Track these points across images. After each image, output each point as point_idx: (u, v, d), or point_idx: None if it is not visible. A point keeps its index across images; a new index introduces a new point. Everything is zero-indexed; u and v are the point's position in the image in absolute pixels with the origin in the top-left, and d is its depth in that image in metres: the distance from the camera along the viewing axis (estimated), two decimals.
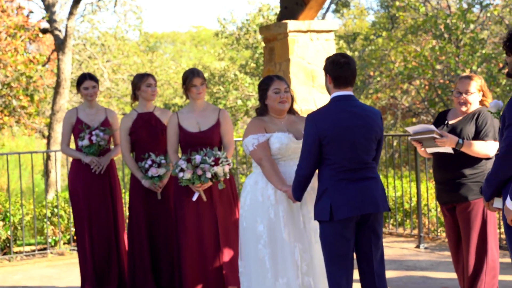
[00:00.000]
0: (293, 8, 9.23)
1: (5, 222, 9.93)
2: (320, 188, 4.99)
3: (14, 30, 15.47)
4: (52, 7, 16.85)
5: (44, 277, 8.27)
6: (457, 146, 5.56)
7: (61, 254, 9.58)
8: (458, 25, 18.54)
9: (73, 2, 16.84)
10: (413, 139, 5.74)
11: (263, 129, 5.59)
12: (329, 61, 5.06)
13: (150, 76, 7.05)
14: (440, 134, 5.54)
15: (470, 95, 5.69)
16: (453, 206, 5.78)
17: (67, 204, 10.25)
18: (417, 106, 22.03)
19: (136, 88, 6.99)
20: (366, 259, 5.03)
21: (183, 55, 38.71)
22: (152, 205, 6.93)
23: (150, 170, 6.76)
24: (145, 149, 6.91)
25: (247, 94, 21.61)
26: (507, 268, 7.41)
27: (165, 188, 6.93)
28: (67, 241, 10.14)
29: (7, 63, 15.49)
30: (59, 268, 8.75)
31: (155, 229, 6.97)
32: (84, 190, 7.20)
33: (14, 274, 8.46)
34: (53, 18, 16.77)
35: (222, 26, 23.08)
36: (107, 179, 7.27)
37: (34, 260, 9.30)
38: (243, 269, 5.69)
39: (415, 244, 9.18)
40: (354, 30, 25.74)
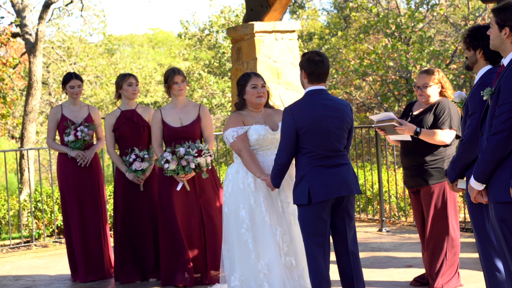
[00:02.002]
0: (259, 10, 9.56)
1: None
2: (298, 175, 5.29)
3: None
4: (22, 12, 17.34)
5: (33, 267, 8.49)
6: (415, 134, 5.88)
7: (45, 246, 9.83)
8: (407, 24, 19.32)
9: (42, 7, 17.36)
10: (376, 126, 6.13)
11: (241, 122, 5.89)
12: (304, 58, 5.34)
13: (132, 76, 7.36)
14: (399, 123, 5.90)
15: (427, 88, 6.02)
16: (417, 190, 6.16)
17: (49, 199, 10.69)
18: (370, 101, 22.76)
19: (118, 87, 7.33)
20: (341, 239, 5.33)
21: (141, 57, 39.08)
22: (135, 196, 7.23)
23: (134, 164, 7.08)
24: (128, 144, 7.21)
25: (212, 92, 22.14)
26: (465, 247, 7.72)
27: (148, 180, 7.23)
28: (50, 234, 10.43)
29: None
30: (45, 258, 8.97)
31: (138, 219, 7.21)
32: (72, 182, 7.48)
33: (3, 265, 8.68)
34: (24, 22, 17.26)
35: (184, 27, 23.58)
36: (92, 171, 7.55)
37: (20, 252, 9.54)
38: (227, 252, 5.96)
39: (378, 228, 9.59)
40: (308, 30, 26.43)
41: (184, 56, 25.21)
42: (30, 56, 17.10)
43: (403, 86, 19.90)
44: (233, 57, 10.02)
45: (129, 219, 7.26)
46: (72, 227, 7.52)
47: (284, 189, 5.88)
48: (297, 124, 5.22)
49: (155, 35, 48.51)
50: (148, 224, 7.26)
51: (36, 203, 10.70)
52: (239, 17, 22.62)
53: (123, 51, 37.16)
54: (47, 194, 10.85)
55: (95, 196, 7.55)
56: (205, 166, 6.66)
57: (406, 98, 19.88)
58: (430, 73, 6.05)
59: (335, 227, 5.36)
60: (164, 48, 43.70)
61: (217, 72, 23.23)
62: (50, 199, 10.65)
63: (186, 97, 7.09)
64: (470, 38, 4.80)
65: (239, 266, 5.88)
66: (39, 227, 10.48)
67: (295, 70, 9.60)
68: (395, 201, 10.37)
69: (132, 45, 44.93)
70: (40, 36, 17.04)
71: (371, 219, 10.27)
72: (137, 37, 47.41)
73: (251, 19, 9.70)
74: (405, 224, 9.81)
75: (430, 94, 6.04)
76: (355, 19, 21.16)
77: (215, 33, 23.07)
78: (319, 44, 23.18)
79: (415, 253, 7.83)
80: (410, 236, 8.99)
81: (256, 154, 5.91)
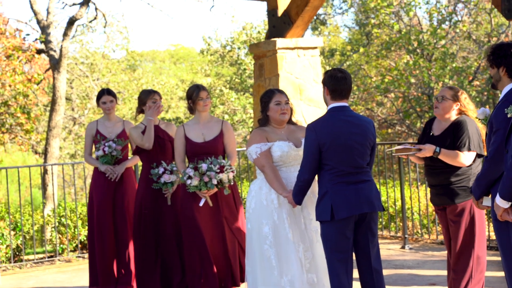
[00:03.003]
0: (281, 26, 9.61)
1: (16, 231, 10.45)
2: (321, 191, 5.29)
3: (12, 51, 16.15)
4: (47, 29, 17.55)
5: (57, 282, 8.58)
6: (434, 154, 5.86)
7: (68, 261, 9.92)
8: (430, 40, 19.31)
9: (67, 23, 17.58)
10: (397, 155, 6.10)
11: (265, 138, 5.91)
12: (327, 75, 5.37)
13: (156, 92, 7.41)
14: (418, 149, 5.90)
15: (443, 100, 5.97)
16: (444, 207, 6.10)
17: (73, 214, 10.80)
18: (392, 117, 22.73)
19: (142, 103, 7.36)
20: (364, 255, 5.33)
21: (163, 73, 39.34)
22: (160, 210, 7.20)
23: (163, 176, 7.07)
24: (153, 159, 7.22)
25: (233, 108, 22.23)
26: (491, 265, 7.69)
27: (173, 197, 7.20)
28: (73, 249, 10.53)
29: (6, 82, 16.16)
30: (69, 273, 9.06)
31: (163, 234, 7.23)
32: (98, 195, 7.61)
33: (27, 280, 8.78)
34: (48, 39, 17.46)
35: (207, 44, 23.75)
36: (122, 186, 7.65)
37: (44, 266, 9.63)
38: (250, 267, 5.97)
39: (400, 245, 9.55)
40: (330, 46, 26.49)
41: (206, 72, 25.34)
42: (54, 72, 17.28)
43: (425, 103, 19.86)
44: (255, 74, 10.06)
45: (154, 235, 7.27)
46: (91, 240, 7.60)
47: (307, 205, 5.88)
48: (320, 141, 5.24)
49: (176, 51, 48.84)
50: (173, 238, 7.24)
51: (60, 218, 10.77)
52: (261, 34, 22.72)
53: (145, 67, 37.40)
54: (71, 209, 10.96)
55: (124, 211, 7.62)
56: (227, 182, 6.63)
57: (428, 114, 19.82)
58: (452, 89, 6.04)
59: (358, 244, 5.36)
60: (186, 64, 43.93)
61: (238, 88, 23.34)
62: (74, 214, 10.74)
63: (209, 113, 7.11)
64: (493, 56, 4.78)
65: (261, 282, 5.87)
66: (63, 242, 10.56)
67: (317, 87, 9.63)
68: (418, 218, 10.31)
69: (154, 61, 45.24)
70: (64, 53, 17.23)
71: (394, 236, 10.23)
72: (158, 53, 47.74)
73: (274, 35, 9.75)
74: (428, 242, 9.76)
75: (444, 107, 6.00)
76: (377, 36, 21.18)
77: (237, 49, 23.19)
78: (340, 60, 23.23)
79: (439, 271, 7.80)
80: (433, 253, 8.95)
81: (280, 171, 5.92)
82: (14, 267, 9.63)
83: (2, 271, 9.35)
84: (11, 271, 9.46)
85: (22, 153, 23.41)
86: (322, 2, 9.28)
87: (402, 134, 22.25)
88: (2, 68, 16.08)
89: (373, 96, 21.26)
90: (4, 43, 16.18)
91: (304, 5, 9.15)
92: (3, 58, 16.12)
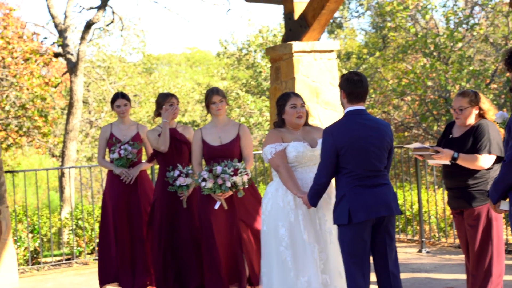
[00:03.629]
0: (297, 30, 9.56)
1: (33, 234, 10.55)
2: (338, 195, 5.28)
3: (30, 54, 16.26)
4: (64, 33, 17.66)
5: (74, 284, 8.65)
6: (452, 159, 5.85)
7: (85, 264, 9.99)
8: (446, 43, 19.24)
9: (84, 27, 17.69)
10: (414, 154, 6.07)
11: (280, 139, 5.93)
12: (343, 78, 5.36)
13: (173, 96, 7.42)
14: (436, 151, 5.81)
15: (462, 111, 5.90)
16: (461, 211, 6.03)
17: (90, 216, 10.86)
18: (409, 120, 22.66)
19: (159, 106, 7.35)
20: (382, 259, 5.29)
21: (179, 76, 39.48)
22: (176, 213, 7.22)
23: (178, 179, 7.10)
24: (170, 162, 7.24)
25: (249, 111, 22.26)
26: (509, 269, 7.65)
27: (189, 199, 7.22)
28: (90, 252, 10.57)
29: (24, 86, 16.28)
30: (86, 276, 9.12)
31: (178, 237, 7.22)
32: (113, 198, 7.66)
33: (45, 282, 8.86)
34: (66, 42, 17.56)
35: (223, 47, 23.79)
36: (137, 188, 7.69)
37: (61, 269, 9.70)
38: (265, 269, 5.98)
39: (417, 248, 9.54)
40: (346, 49, 26.47)
41: (222, 75, 25.39)
42: (71, 75, 17.39)
43: (442, 106, 19.78)
44: (271, 77, 10.06)
45: (170, 237, 7.28)
46: (102, 241, 7.65)
47: (322, 206, 5.88)
48: (337, 144, 5.23)
49: (192, 54, 48.97)
50: (189, 241, 7.26)
51: (77, 220, 10.84)
52: (277, 37, 22.74)
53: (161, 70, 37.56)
54: (88, 212, 11.03)
55: (139, 214, 7.67)
56: (241, 185, 6.65)
57: (445, 117, 19.75)
58: (466, 95, 5.96)
59: (375, 248, 5.34)
60: (202, 68, 44.02)
61: (254, 91, 23.37)
62: (91, 217, 10.79)
63: (227, 116, 7.12)
64: (510, 59, 4.78)
65: (277, 284, 5.87)
66: (80, 245, 10.62)
67: (333, 90, 9.61)
68: (435, 222, 10.27)
69: (170, 64, 45.39)
70: (81, 56, 17.33)
71: (411, 240, 10.21)
72: (175, 56, 47.88)
73: (290, 39, 9.73)
74: (446, 245, 9.73)
75: (466, 116, 5.95)
76: (393, 39, 21.14)
77: (253, 53, 23.23)
78: (357, 63, 23.20)
79: (456, 275, 7.77)
80: (450, 257, 8.92)
81: (295, 171, 5.93)
82: (32, 269, 9.71)
83: (20, 273, 9.42)
84: (29, 274, 9.52)
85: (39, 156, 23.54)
86: (339, 5, 9.27)
87: (419, 137, 22.18)
88: (20, 71, 16.19)
89: (390, 99, 21.21)
90: (22, 47, 16.29)
91: (321, 9, 9.12)
92: (21, 62, 16.24)
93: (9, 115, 17.08)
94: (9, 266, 8.66)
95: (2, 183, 8.62)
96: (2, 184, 8.62)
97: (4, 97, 16.68)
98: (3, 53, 16.15)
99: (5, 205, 8.65)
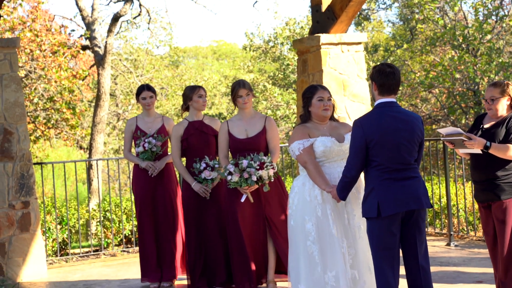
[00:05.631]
0: (325, 22, 9.50)
1: (62, 225, 10.68)
2: (367, 188, 5.24)
3: (58, 47, 16.39)
4: (92, 25, 17.77)
5: (102, 275, 8.69)
6: (485, 148, 5.76)
7: (113, 255, 10.02)
8: (475, 35, 19.05)
9: (111, 20, 17.78)
10: (445, 140, 5.99)
11: (307, 134, 5.90)
12: (375, 70, 5.29)
13: (201, 88, 7.45)
14: (468, 137, 5.74)
15: (494, 102, 5.87)
16: (488, 204, 5.96)
17: (118, 208, 10.98)
18: (436, 113, 22.50)
19: (187, 99, 7.39)
20: (411, 253, 5.25)
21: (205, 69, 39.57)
22: (203, 207, 7.28)
23: (204, 172, 7.16)
24: (197, 155, 7.28)
25: (276, 104, 22.27)
26: None
27: (216, 191, 7.28)
28: (118, 243, 10.70)
29: (52, 78, 16.41)
30: (114, 267, 9.16)
31: (205, 228, 7.29)
32: (145, 192, 7.71)
33: (73, 273, 8.92)
34: (93, 35, 17.68)
35: (249, 40, 23.81)
36: (164, 181, 7.72)
37: (89, 260, 9.77)
38: (292, 263, 5.97)
39: (446, 242, 9.49)
40: (374, 42, 26.34)
41: (249, 68, 25.40)
42: (98, 68, 17.50)
43: (470, 98, 19.61)
44: (298, 69, 10.03)
45: (197, 230, 7.32)
46: (146, 235, 7.71)
47: (351, 201, 5.87)
48: (367, 137, 5.18)
49: (219, 47, 49.03)
50: (216, 234, 7.28)
51: (104, 212, 10.92)
52: (304, 29, 22.67)
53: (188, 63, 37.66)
54: (115, 204, 11.10)
55: (166, 206, 7.71)
56: (267, 179, 6.67)
57: (474, 110, 19.58)
58: (498, 86, 5.90)
59: (405, 241, 5.30)
60: (228, 60, 44.05)
61: (281, 84, 23.36)
62: (118, 209, 10.86)
63: (253, 109, 7.11)
64: None
65: (304, 278, 5.86)
66: (108, 236, 10.70)
67: (361, 82, 9.57)
68: (464, 215, 10.22)
69: (197, 57, 45.50)
70: (108, 49, 17.43)
71: (439, 233, 10.15)
72: (201, 49, 47.98)
73: (317, 31, 9.68)
74: (474, 239, 9.66)
75: (498, 107, 5.90)
76: (421, 31, 20.97)
77: (280, 45, 23.20)
78: (384, 56, 23.08)
79: (485, 269, 7.71)
80: (479, 251, 8.86)
81: (322, 166, 5.90)
82: (60, 260, 9.79)
83: (49, 264, 9.51)
84: (57, 265, 9.61)
85: (67, 148, 23.73)
86: None
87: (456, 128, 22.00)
88: (48, 64, 16.32)
89: (417, 92, 21.06)
90: (50, 40, 16.41)
91: (349, 0, 9.05)
92: (49, 54, 16.36)
93: (37, 107, 17.23)
94: (38, 257, 8.75)
95: (31, 175, 8.70)
96: (31, 176, 8.70)
97: (32, 90, 16.83)
98: (32, 46, 16.29)
99: (34, 196, 8.73)
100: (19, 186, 8.61)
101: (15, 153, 8.62)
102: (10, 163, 8.59)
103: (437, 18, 19.92)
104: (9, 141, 8.59)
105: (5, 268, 8.52)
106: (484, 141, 5.75)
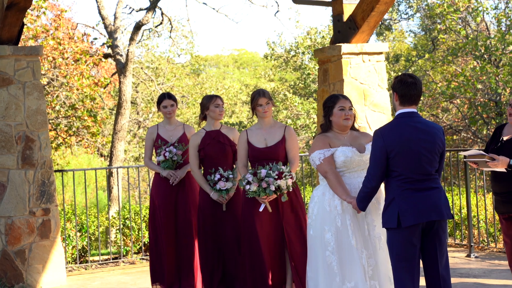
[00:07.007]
0: (346, 32, 9.53)
1: (81, 233, 10.74)
2: (388, 198, 5.25)
3: (80, 55, 16.50)
4: (114, 34, 17.87)
5: (121, 283, 8.75)
6: (509, 167, 5.77)
7: (132, 263, 10.08)
8: (497, 46, 18.95)
9: (133, 28, 17.88)
10: (468, 161, 5.99)
11: (328, 144, 5.91)
12: (397, 80, 5.32)
13: (218, 97, 7.45)
14: (491, 158, 5.73)
15: None
16: (509, 216, 5.98)
17: (137, 216, 11.00)
18: (458, 123, 22.39)
19: (204, 108, 7.38)
20: (432, 264, 5.23)
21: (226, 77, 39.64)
22: (220, 216, 7.25)
23: (218, 183, 7.13)
24: (214, 164, 7.25)
25: (296, 113, 22.27)
26: None
27: (232, 201, 7.25)
28: (137, 251, 10.71)
29: (74, 86, 16.52)
30: (133, 275, 9.22)
31: (222, 237, 7.26)
32: (160, 200, 7.70)
33: (92, 281, 8.99)
34: (115, 43, 17.78)
35: (271, 49, 23.82)
36: (185, 190, 7.72)
37: (108, 268, 9.82)
38: (311, 273, 5.97)
39: (466, 253, 9.46)
40: (395, 52, 26.29)
41: (270, 77, 25.44)
42: (120, 76, 17.58)
43: (492, 109, 19.48)
44: (319, 79, 10.02)
45: (214, 239, 7.29)
46: (165, 243, 7.67)
47: (371, 212, 5.85)
48: (388, 147, 5.20)
49: (240, 56, 49.11)
50: (234, 242, 7.25)
51: (124, 220, 10.95)
52: (325, 39, 22.67)
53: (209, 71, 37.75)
54: (135, 212, 11.15)
55: (187, 215, 7.69)
56: (285, 189, 6.62)
57: (495, 121, 19.45)
58: None
59: (425, 252, 5.27)
60: (249, 69, 44.11)
61: (302, 93, 23.35)
62: (138, 217, 10.90)
63: (273, 118, 7.09)
64: None
65: None
66: (127, 244, 10.73)
67: (382, 92, 9.55)
68: (484, 226, 10.16)
69: (218, 66, 45.60)
70: (130, 57, 17.51)
71: (459, 244, 10.10)
72: (222, 58, 48.08)
73: (339, 41, 9.69)
74: (495, 250, 9.62)
75: None
76: (443, 41, 20.89)
77: (301, 54, 23.21)
78: (405, 66, 23.02)
79: (506, 281, 7.67)
80: (500, 262, 8.80)
81: (343, 177, 5.89)
82: (79, 267, 9.85)
83: (68, 271, 9.55)
84: (76, 272, 9.65)
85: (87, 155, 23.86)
86: (388, 7, 9.18)
87: (467, 140, 21.88)
88: (70, 72, 16.44)
89: (439, 102, 20.95)
90: (72, 48, 16.53)
91: (370, 10, 9.06)
92: (71, 62, 16.47)
93: (59, 114, 17.33)
94: (58, 264, 8.79)
95: (52, 182, 8.76)
96: (52, 183, 8.75)
97: (54, 97, 16.94)
98: (54, 53, 16.40)
99: (55, 203, 8.78)
100: (40, 193, 8.66)
101: (36, 160, 8.68)
102: (32, 170, 8.65)
103: (459, 28, 19.83)
104: (31, 149, 8.65)
105: (25, 275, 8.57)
106: (508, 160, 5.72)
